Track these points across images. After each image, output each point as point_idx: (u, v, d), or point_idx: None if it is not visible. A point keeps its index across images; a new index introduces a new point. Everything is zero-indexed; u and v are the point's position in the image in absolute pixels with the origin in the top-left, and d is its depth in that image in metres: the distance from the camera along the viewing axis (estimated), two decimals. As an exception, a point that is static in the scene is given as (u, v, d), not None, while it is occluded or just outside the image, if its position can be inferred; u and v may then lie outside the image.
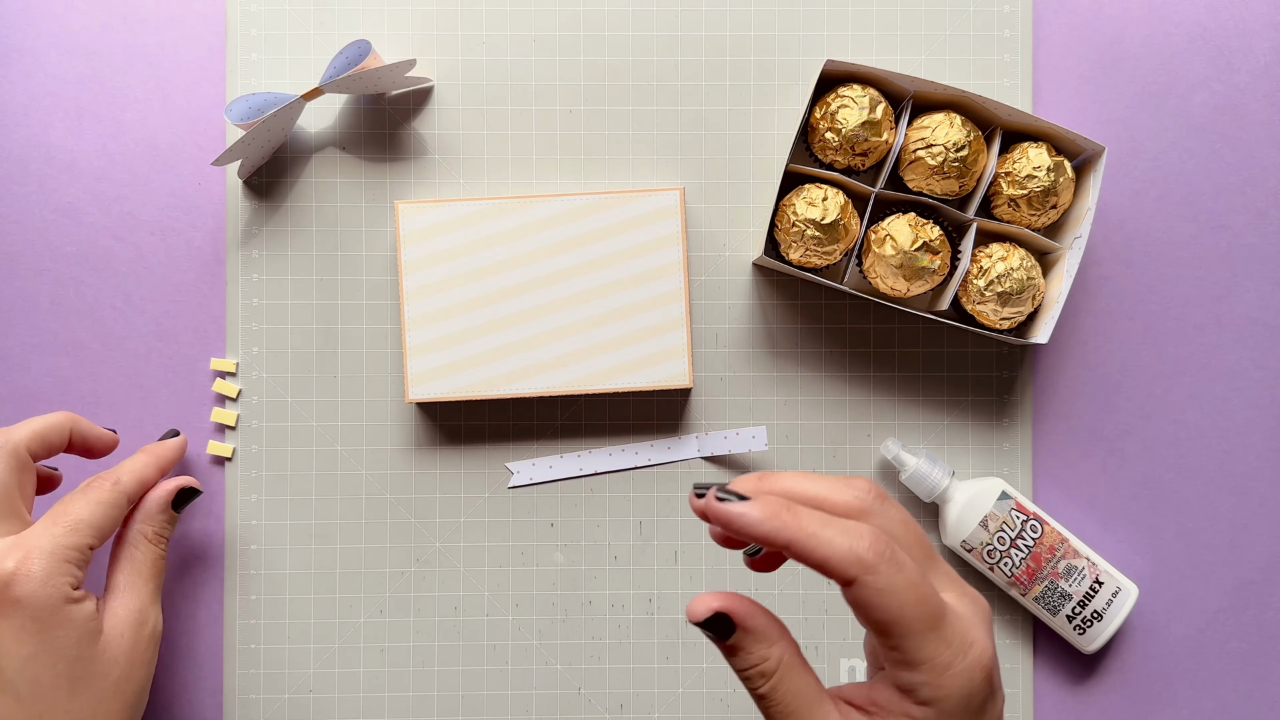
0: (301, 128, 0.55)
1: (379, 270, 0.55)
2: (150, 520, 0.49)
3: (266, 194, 0.55)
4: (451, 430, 0.55)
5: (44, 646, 0.44)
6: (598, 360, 0.53)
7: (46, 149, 0.55)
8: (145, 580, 0.48)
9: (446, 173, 0.55)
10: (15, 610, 0.43)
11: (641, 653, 0.55)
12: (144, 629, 0.47)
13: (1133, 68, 0.56)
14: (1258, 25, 0.56)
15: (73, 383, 0.55)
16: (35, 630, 0.44)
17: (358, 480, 0.55)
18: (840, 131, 0.51)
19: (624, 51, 0.55)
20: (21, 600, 0.43)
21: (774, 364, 0.55)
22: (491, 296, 0.53)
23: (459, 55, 0.55)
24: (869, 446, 0.55)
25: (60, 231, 0.55)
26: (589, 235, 0.53)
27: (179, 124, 0.55)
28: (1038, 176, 0.51)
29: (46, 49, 0.55)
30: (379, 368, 0.55)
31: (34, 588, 0.43)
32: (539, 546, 0.55)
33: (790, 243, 0.51)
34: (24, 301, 0.55)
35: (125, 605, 0.47)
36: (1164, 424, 0.56)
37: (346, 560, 0.55)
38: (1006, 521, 0.52)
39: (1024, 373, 0.55)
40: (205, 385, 0.55)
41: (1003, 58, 0.55)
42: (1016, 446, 0.55)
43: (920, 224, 0.51)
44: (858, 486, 0.35)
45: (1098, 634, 0.52)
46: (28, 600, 0.43)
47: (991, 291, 0.51)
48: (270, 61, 0.55)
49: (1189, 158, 0.56)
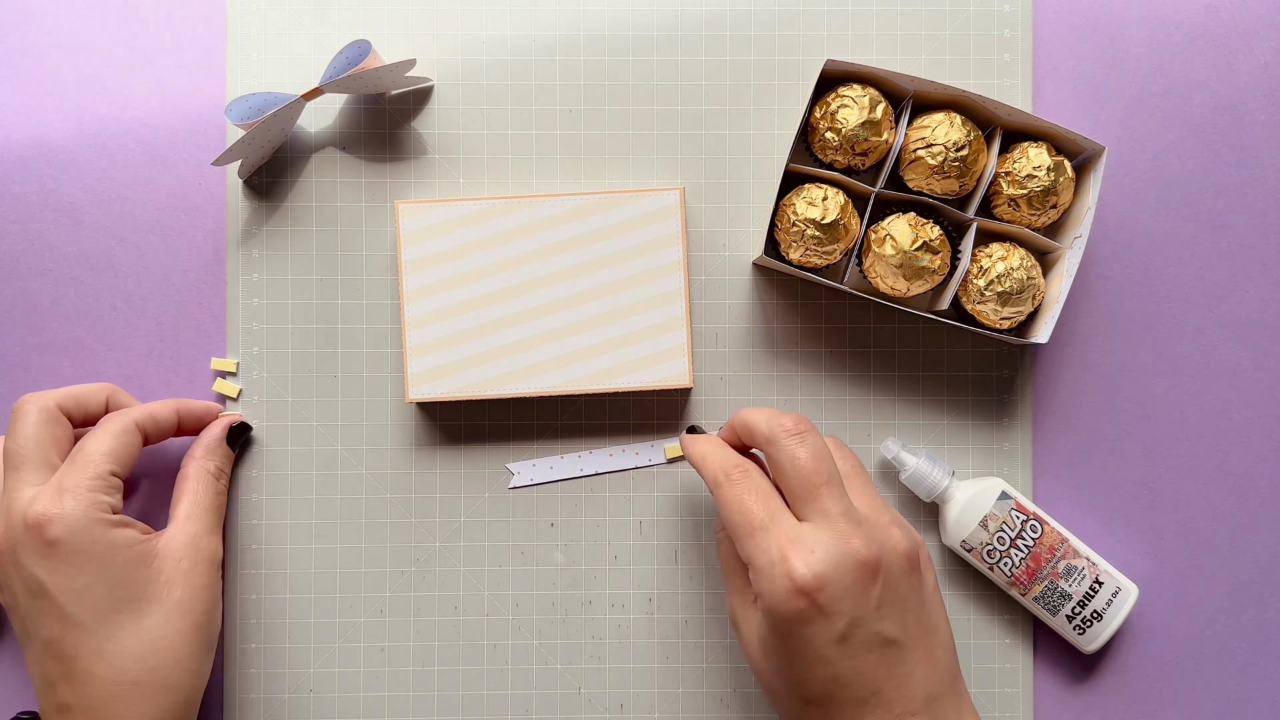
0: (301, 128, 0.55)
1: (379, 270, 0.55)
2: (211, 455, 0.52)
3: (266, 194, 0.55)
4: (451, 430, 0.55)
5: (95, 576, 0.46)
6: (598, 360, 0.53)
7: (46, 149, 0.55)
8: (205, 511, 0.50)
9: (446, 173, 0.55)
10: (57, 548, 0.45)
11: (641, 653, 0.55)
12: (200, 553, 0.49)
13: (1133, 68, 0.56)
14: (1258, 25, 0.56)
15: (73, 383, 0.55)
16: (81, 562, 0.45)
17: (358, 480, 0.55)
18: (840, 131, 0.51)
19: (624, 51, 0.55)
20: (61, 538, 0.45)
21: (774, 364, 0.55)
22: (491, 296, 0.53)
23: (459, 55, 0.55)
24: (869, 446, 0.55)
25: (60, 231, 0.55)
26: (589, 235, 0.53)
27: (179, 124, 0.55)
28: (1038, 176, 0.51)
29: (46, 49, 0.55)
30: (379, 368, 0.55)
31: (69, 522, 0.45)
32: (539, 546, 0.55)
33: (790, 242, 0.51)
34: (24, 301, 0.55)
35: (183, 531, 0.49)
36: (1164, 424, 0.56)
37: (346, 560, 0.55)
38: (1006, 521, 0.52)
39: (1024, 373, 0.55)
40: (205, 385, 0.55)
41: (1003, 58, 0.55)
42: (1016, 446, 0.55)
43: (920, 224, 0.51)
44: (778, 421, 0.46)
45: (1098, 634, 0.52)
46: (66, 536, 0.45)
47: (991, 291, 0.51)
48: (270, 61, 0.55)
49: (1189, 158, 0.56)
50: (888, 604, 0.43)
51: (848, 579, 0.42)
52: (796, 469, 0.45)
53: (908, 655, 0.44)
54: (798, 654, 0.43)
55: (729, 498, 0.45)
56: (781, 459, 0.45)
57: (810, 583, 0.42)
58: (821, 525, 0.44)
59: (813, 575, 0.42)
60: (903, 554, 0.44)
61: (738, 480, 0.46)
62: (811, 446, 0.45)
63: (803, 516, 0.44)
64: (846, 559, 0.43)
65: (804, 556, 0.43)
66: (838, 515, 0.44)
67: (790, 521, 0.44)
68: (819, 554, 0.43)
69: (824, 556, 0.42)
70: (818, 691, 0.44)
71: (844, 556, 0.43)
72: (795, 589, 0.42)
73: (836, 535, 0.43)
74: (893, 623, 0.43)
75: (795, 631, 0.43)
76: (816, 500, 0.44)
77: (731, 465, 0.46)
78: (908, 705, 0.43)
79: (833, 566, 0.42)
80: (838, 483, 0.45)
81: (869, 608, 0.43)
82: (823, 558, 0.42)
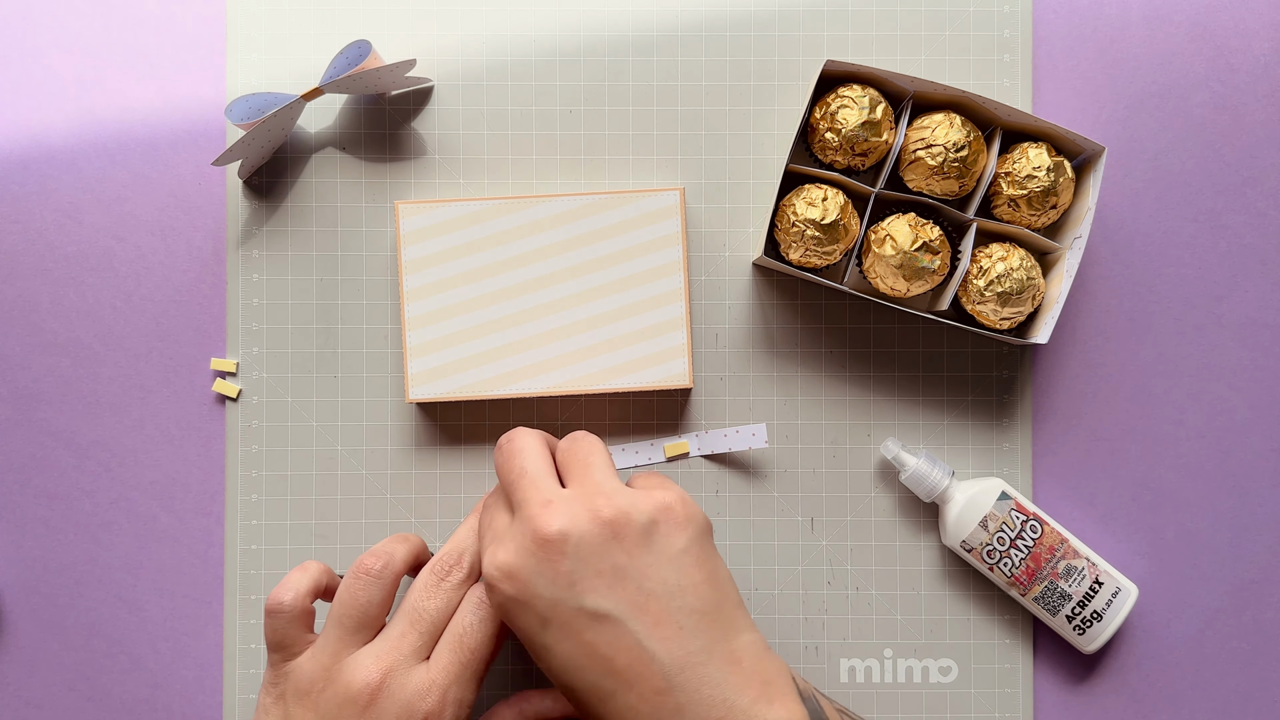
0: (301, 128, 0.55)
1: (379, 270, 0.55)
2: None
3: (266, 194, 0.55)
4: (451, 430, 0.55)
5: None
6: (598, 360, 0.53)
7: (46, 149, 0.55)
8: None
9: (446, 173, 0.55)
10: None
11: (641, 653, 0.55)
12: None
13: (1133, 68, 0.56)
14: (1258, 25, 0.56)
15: (73, 383, 0.55)
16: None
17: (358, 480, 0.55)
18: (840, 131, 0.51)
19: (624, 52, 0.55)
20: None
21: (774, 364, 0.55)
22: (492, 296, 0.53)
23: (459, 55, 0.55)
24: (869, 446, 0.55)
25: (60, 231, 0.55)
26: (589, 235, 0.53)
27: (179, 124, 0.55)
28: (1038, 176, 0.51)
29: (46, 49, 0.55)
30: (379, 368, 0.55)
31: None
32: (539, 546, 0.55)
33: (790, 243, 0.51)
34: (24, 301, 0.55)
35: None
36: (1164, 424, 0.56)
37: (346, 560, 0.55)
38: (1006, 522, 0.52)
39: (1024, 373, 0.55)
40: (205, 385, 0.55)
41: (1003, 58, 0.55)
42: (1016, 446, 0.55)
43: (920, 224, 0.51)
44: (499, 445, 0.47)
45: (1097, 634, 0.52)
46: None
47: (991, 291, 0.51)
48: (270, 61, 0.55)
49: (1189, 158, 0.56)
50: (587, 578, 0.41)
51: (531, 561, 0.42)
52: (500, 470, 0.46)
53: (631, 626, 0.41)
54: (528, 646, 0.43)
55: (485, 505, 0.47)
56: (497, 459, 0.46)
57: (497, 576, 0.42)
58: (513, 519, 0.44)
59: (497, 569, 0.42)
60: (605, 521, 0.42)
61: (493, 492, 0.48)
62: (519, 442, 0.46)
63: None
64: (527, 543, 0.42)
65: (490, 553, 0.43)
66: (525, 503, 0.43)
67: (499, 522, 0.45)
68: (502, 547, 0.43)
69: (508, 547, 0.43)
70: (562, 684, 0.42)
71: (525, 541, 0.42)
72: (489, 585, 0.43)
73: (518, 523, 0.43)
74: (599, 595, 0.41)
75: (512, 625, 0.43)
76: (514, 495, 0.44)
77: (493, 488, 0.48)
78: (651, 681, 0.41)
79: (514, 555, 0.42)
80: (529, 475, 0.44)
81: (562, 586, 0.41)
82: (507, 548, 0.43)
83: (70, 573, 0.55)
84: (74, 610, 0.55)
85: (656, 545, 0.42)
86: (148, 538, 0.55)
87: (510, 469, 0.45)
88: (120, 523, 0.55)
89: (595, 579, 0.41)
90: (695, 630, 0.42)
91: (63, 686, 0.55)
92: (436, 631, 0.45)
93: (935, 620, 0.55)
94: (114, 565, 0.55)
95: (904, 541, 0.55)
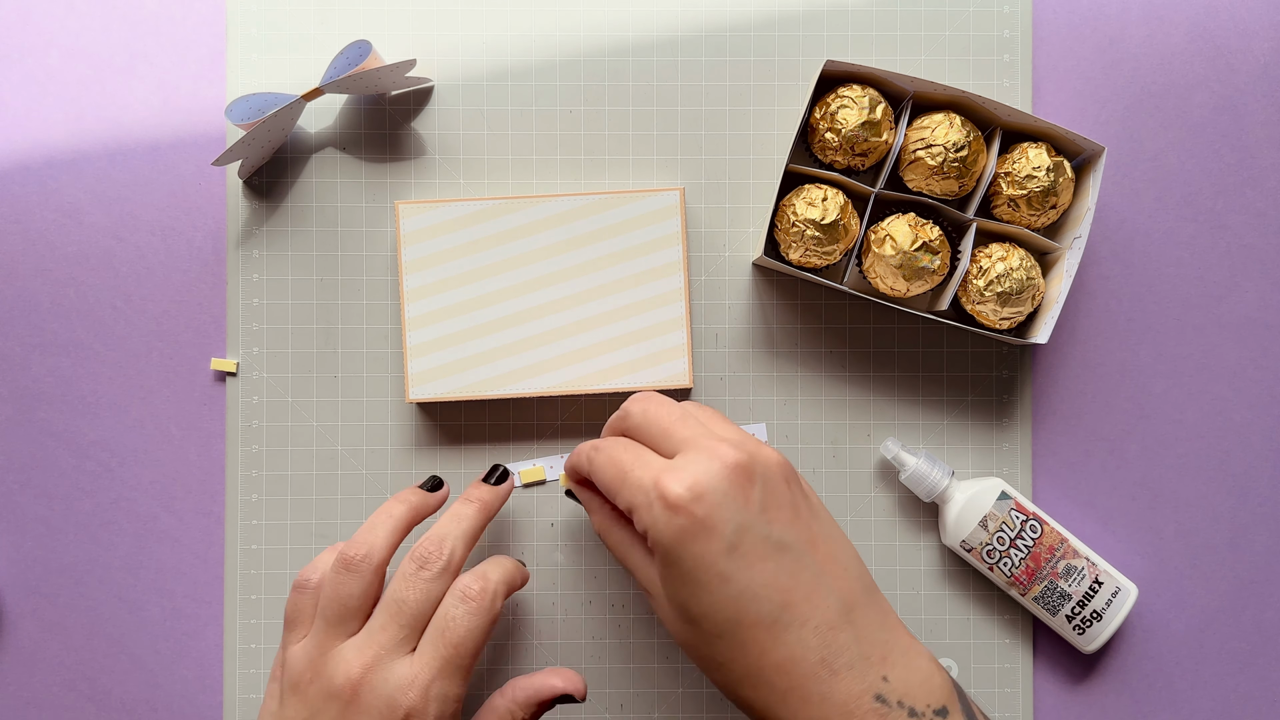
0: (301, 128, 0.55)
1: (379, 270, 0.55)
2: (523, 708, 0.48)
3: (266, 194, 0.55)
4: (451, 430, 0.55)
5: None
6: (598, 360, 0.53)
7: (46, 149, 0.55)
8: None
9: (446, 173, 0.55)
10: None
11: (641, 653, 0.55)
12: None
13: (1133, 68, 0.56)
14: (1258, 25, 0.56)
15: (73, 383, 0.55)
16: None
17: (358, 480, 0.55)
18: (840, 131, 0.51)
19: (624, 52, 0.55)
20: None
21: (774, 364, 0.55)
22: (492, 296, 0.53)
23: (459, 55, 0.55)
24: (869, 446, 0.55)
25: (60, 231, 0.55)
26: (589, 235, 0.53)
27: (179, 124, 0.55)
28: (1037, 176, 0.51)
29: (46, 49, 0.55)
30: (379, 368, 0.55)
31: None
32: (539, 546, 0.55)
33: (790, 243, 0.51)
34: (24, 301, 0.55)
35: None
36: (1164, 424, 0.56)
37: (346, 560, 0.55)
38: (1006, 521, 0.52)
39: (1024, 373, 0.55)
40: (205, 385, 0.55)
41: (1003, 58, 0.55)
42: (1016, 446, 0.55)
43: (920, 224, 0.51)
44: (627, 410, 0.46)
45: (1097, 634, 0.52)
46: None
47: (991, 291, 0.51)
48: (270, 61, 0.55)
49: (1189, 158, 0.56)
50: (772, 508, 0.42)
51: (724, 484, 0.41)
52: (648, 418, 0.45)
53: (807, 561, 0.42)
54: (695, 581, 0.41)
55: (601, 461, 0.45)
56: (633, 415, 0.46)
57: (685, 496, 0.41)
58: (687, 450, 0.43)
59: (686, 489, 0.41)
60: (776, 463, 0.43)
61: (605, 445, 0.46)
62: (657, 399, 0.46)
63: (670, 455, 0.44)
64: (717, 466, 0.42)
65: (675, 476, 0.42)
66: (700, 436, 0.43)
67: (659, 459, 0.44)
68: (689, 470, 0.42)
69: (694, 470, 0.42)
70: (726, 617, 0.41)
71: (714, 464, 0.42)
72: (671, 507, 0.41)
73: (702, 451, 0.42)
74: (782, 526, 0.42)
75: (685, 554, 0.41)
76: (676, 434, 0.44)
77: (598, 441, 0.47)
78: (824, 616, 0.41)
79: (705, 476, 0.41)
80: (692, 415, 0.45)
81: (753, 511, 0.41)
82: (693, 471, 0.42)
83: (70, 573, 0.55)
84: (74, 610, 0.55)
85: (809, 495, 0.45)
86: (148, 538, 0.55)
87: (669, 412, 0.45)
88: (120, 523, 0.55)
89: (778, 511, 0.42)
90: (857, 575, 0.43)
91: (63, 686, 0.55)
92: (419, 623, 0.45)
93: (935, 620, 0.55)
94: (114, 565, 0.55)
95: (904, 541, 0.55)
